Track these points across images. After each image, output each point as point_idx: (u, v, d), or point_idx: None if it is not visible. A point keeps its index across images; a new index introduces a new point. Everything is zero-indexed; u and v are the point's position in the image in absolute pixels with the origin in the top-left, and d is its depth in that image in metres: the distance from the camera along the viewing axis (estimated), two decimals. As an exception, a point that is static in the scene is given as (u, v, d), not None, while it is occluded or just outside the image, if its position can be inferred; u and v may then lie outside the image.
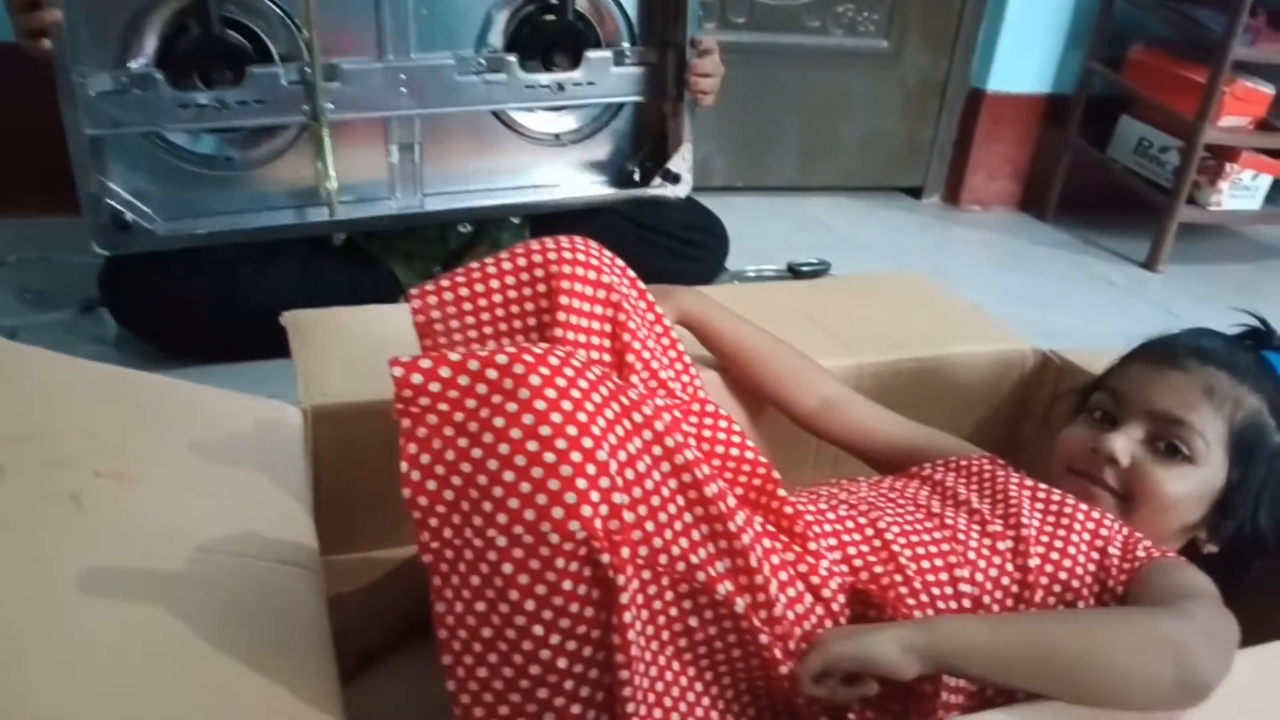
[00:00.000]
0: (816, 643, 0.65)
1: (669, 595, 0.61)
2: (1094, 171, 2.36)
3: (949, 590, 0.74)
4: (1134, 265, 2.24)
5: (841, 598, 0.72)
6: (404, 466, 0.57)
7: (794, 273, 1.68)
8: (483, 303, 0.80)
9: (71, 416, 0.79)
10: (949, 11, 2.33)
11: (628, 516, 0.57)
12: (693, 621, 0.63)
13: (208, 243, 1.36)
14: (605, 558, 0.55)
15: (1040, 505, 0.79)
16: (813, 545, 0.73)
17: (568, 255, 0.80)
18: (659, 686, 0.62)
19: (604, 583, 0.56)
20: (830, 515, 0.78)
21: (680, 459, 0.60)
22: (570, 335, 0.78)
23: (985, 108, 2.39)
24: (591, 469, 0.55)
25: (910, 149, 2.46)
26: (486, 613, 0.57)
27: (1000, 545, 0.76)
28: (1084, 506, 0.80)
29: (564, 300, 0.78)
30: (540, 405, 0.55)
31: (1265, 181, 2.25)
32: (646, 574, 0.59)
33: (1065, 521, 0.78)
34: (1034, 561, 0.75)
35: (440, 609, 0.57)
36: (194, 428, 0.83)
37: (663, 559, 0.59)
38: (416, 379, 0.57)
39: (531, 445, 0.54)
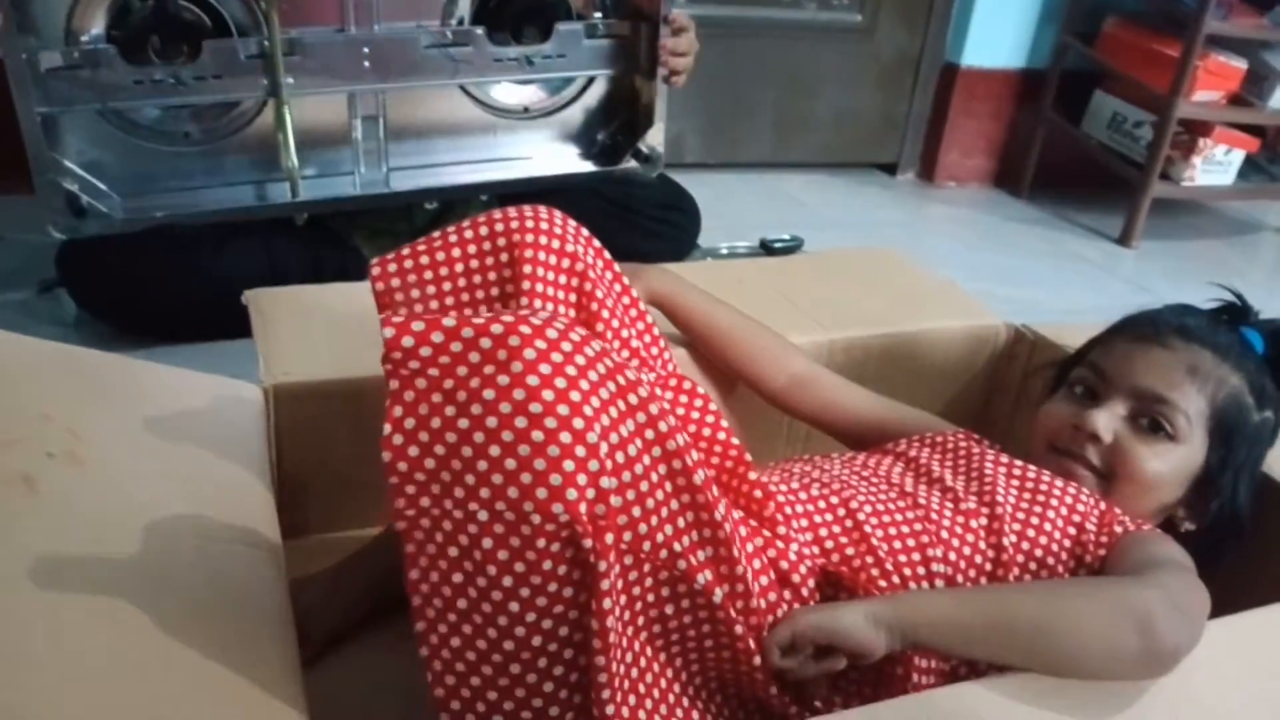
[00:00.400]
0: (784, 617, 0.65)
1: (648, 582, 0.60)
2: (1068, 147, 2.36)
3: (921, 570, 0.73)
4: (1108, 241, 2.24)
5: (811, 582, 0.72)
6: (386, 429, 0.55)
7: (767, 250, 1.67)
8: (444, 271, 0.78)
9: (23, 396, 0.77)
10: (923, -15, 2.32)
11: (614, 501, 0.55)
12: (669, 609, 0.62)
13: (166, 223, 1.33)
14: (588, 543, 0.54)
15: (1016, 482, 0.79)
16: (782, 530, 0.72)
17: (530, 224, 0.78)
18: (633, 673, 0.62)
19: (585, 566, 0.55)
20: (803, 495, 0.77)
21: (671, 445, 0.59)
22: (536, 304, 0.77)
23: (959, 83, 2.38)
24: (580, 450, 0.54)
25: (885, 125, 2.45)
26: (463, 584, 0.56)
27: (974, 523, 0.76)
28: (1060, 482, 0.79)
29: (527, 269, 0.77)
30: (533, 381, 0.54)
31: (1238, 157, 2.25)
32: (628, 559, 0.58)
33: (1041, 499, 0.77)
34: (1009, 539, 0.75)
35: (414, 576, 0.56)
36: (152, 407, 0.82)
37: (646, 545, 0.58)
38: (408, 341, 0.56)
39: (520, 421, 0.53)
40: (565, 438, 0.53)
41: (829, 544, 0.74)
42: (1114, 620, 0.63)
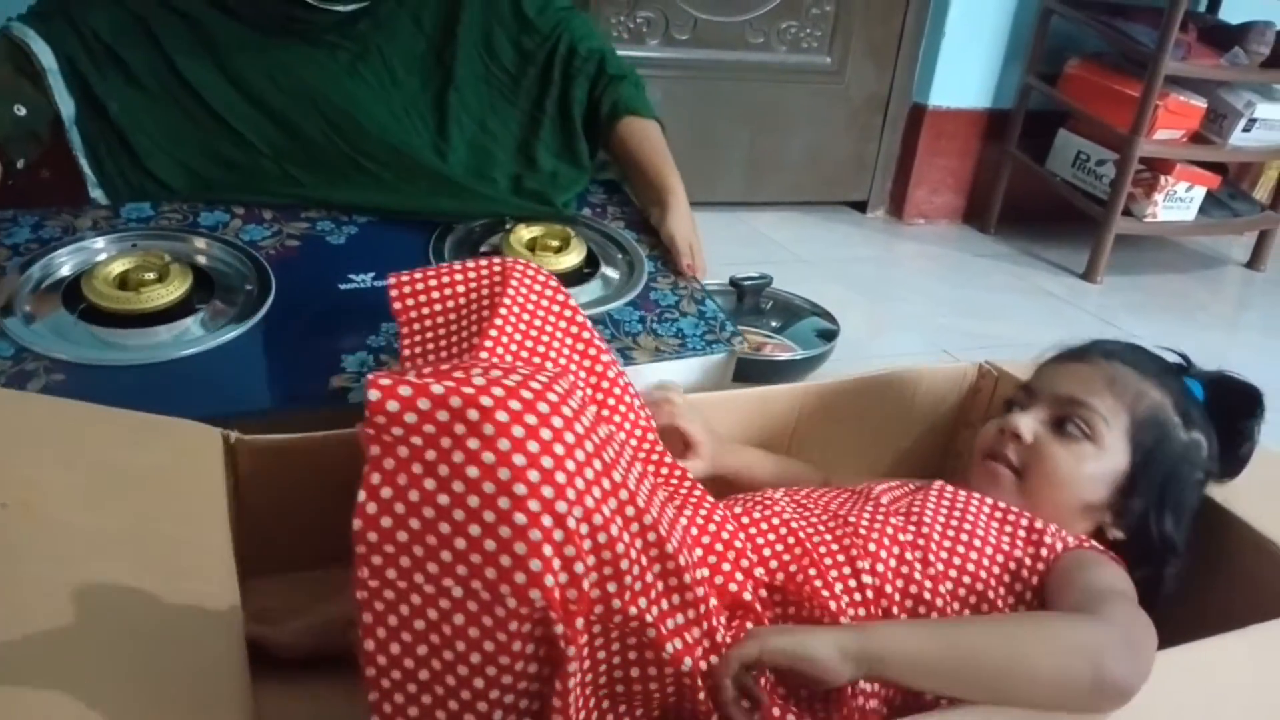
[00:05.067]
0: (752, 634, 0.66)
1: (615, 647, 0.61)
2: (1034, 184, 2.40)
3: (852, 583, 0.75)
4: (1073, 276, 2.28)
5: (763, 592, 0.74)
6: (361, 495, 0.54)
7: (736, 287, 1.69)
8: (448, 292, 0.87)
9: None
10: (890, 28, 2.37)
11: (588, 583, 0.56)
12: (634, 672, 0.63)
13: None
14: (559, 628, 0.55)
15: (946, 503, 0.82)
16: (730, 554, 0.75)
17: (522, 271, 0.87)
18: None
19: (552, 646, 0.55)
20: (744, 520, 0.80)
21: (648, 518, 0.59)
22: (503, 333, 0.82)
23: (927, 123, 2.42)
24: (559, 535, 0.54)
25: (855, 164, 2.49)
26: (426, 657, 0.56)
27: (901, 537, 0.78)
28: (980, 498, 0.83)
29: (507, 300, 0.84)
30: (519, 460, 0.53)
31: (1199, 193, 2.30)
32: (597, 628, 0.59)
33: (959, 510, 0.81)
34: (935, 555, 0.78)
35: (370, 647, 0.56)
36: (107, 452, 0.81)
37: (618, 618, 0.59)
38: (392, 405, 0.55)
39: (503, 502, 0.53)
40: (547, 521, 0.53)
41: (773, 562, 0.76)
42: (1068, 658, 0.65)
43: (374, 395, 0.55)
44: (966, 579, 0.77)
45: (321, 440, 0.91)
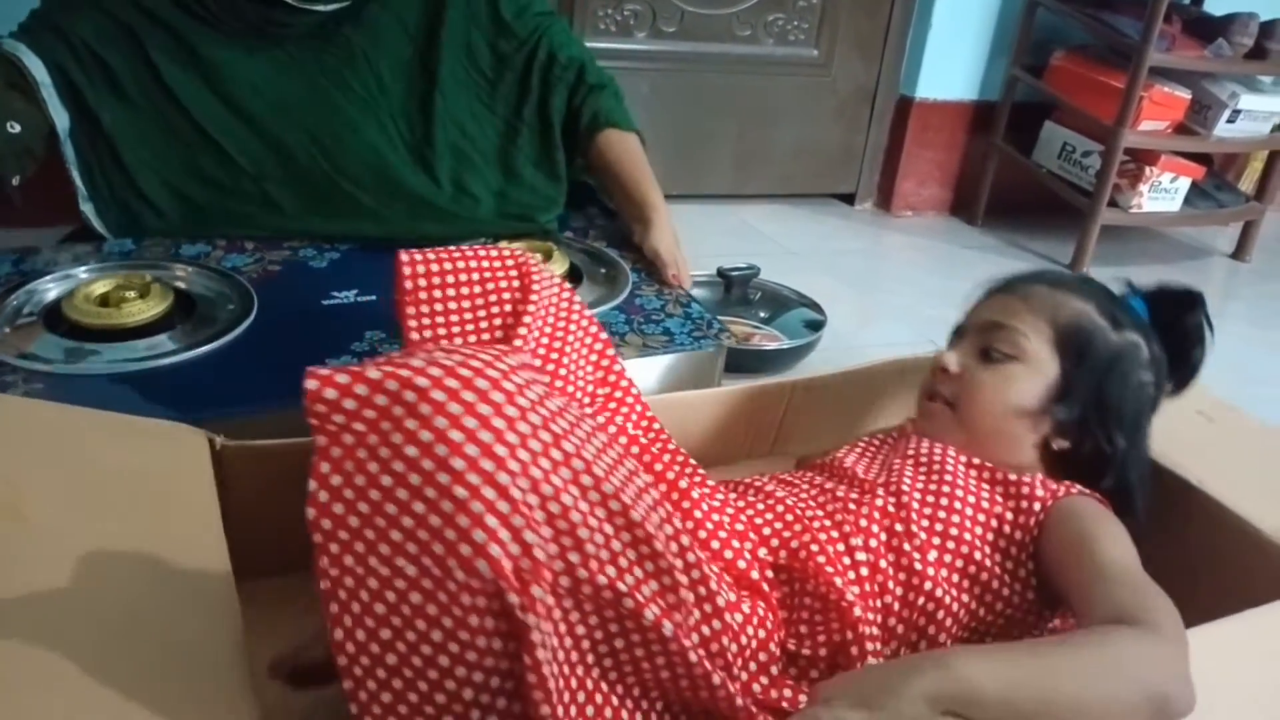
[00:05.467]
0: (817, 698, 0.60)
1: (593, 620, 0.61)
2: (1020, 176, 2.42)
3: (847, 560, 0.76)
4: (1060, 267, 2.29)
5: (769, 573, 0.75)
6: (312, 485, 0.55)
7: (724, 277, 1.70)
8: (463, 278, 0.85)
9: None
10: (876, 21, 2.37)
11: (542, 554, 0.56)
12: (619, 644, 0.63)
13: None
14: (513, 598, 0.55)
15: (923, 467, 0.83)
16: (735, 541, 0.75)
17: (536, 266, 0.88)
18: (589, 710, 0.62)
19: (512, 619, 0.55)
20: (740, 504, 0.81)
21: (609, 487, 0.59)
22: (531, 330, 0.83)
23: (914, 115, 2.43)
24: (504, 506, 0.54)
25: (843, 156, 2.49)
26: (391, 640, 0.56)
27: (888, 508, 0.80)
28: (953, 453, 0.84)
29: (534, 298, 0.85)
30: (456, 436, 0.54)
31: (1184, 184, 2.31)
32: (569, 602, 0.59)
33: (936, 472, 0.82)
34: (918, 524, 0.79)
35: (339, 636, 0.56)
36: (94, 455, 0.80)
37: (586, 589, 0.59)
38: (330, 394, 0.56)
39: (442, 478, 0.53)
40: (489, 493, 0.54)
41: (774, 541, 0.77)
42: (1135, 694, 0.62)
43: (312, 385, 0.56)
44: (951, 544, 0.78)
45: (306, 445, 0.89)
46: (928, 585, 0.77)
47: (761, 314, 1.71)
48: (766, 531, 0.78)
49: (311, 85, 1.34)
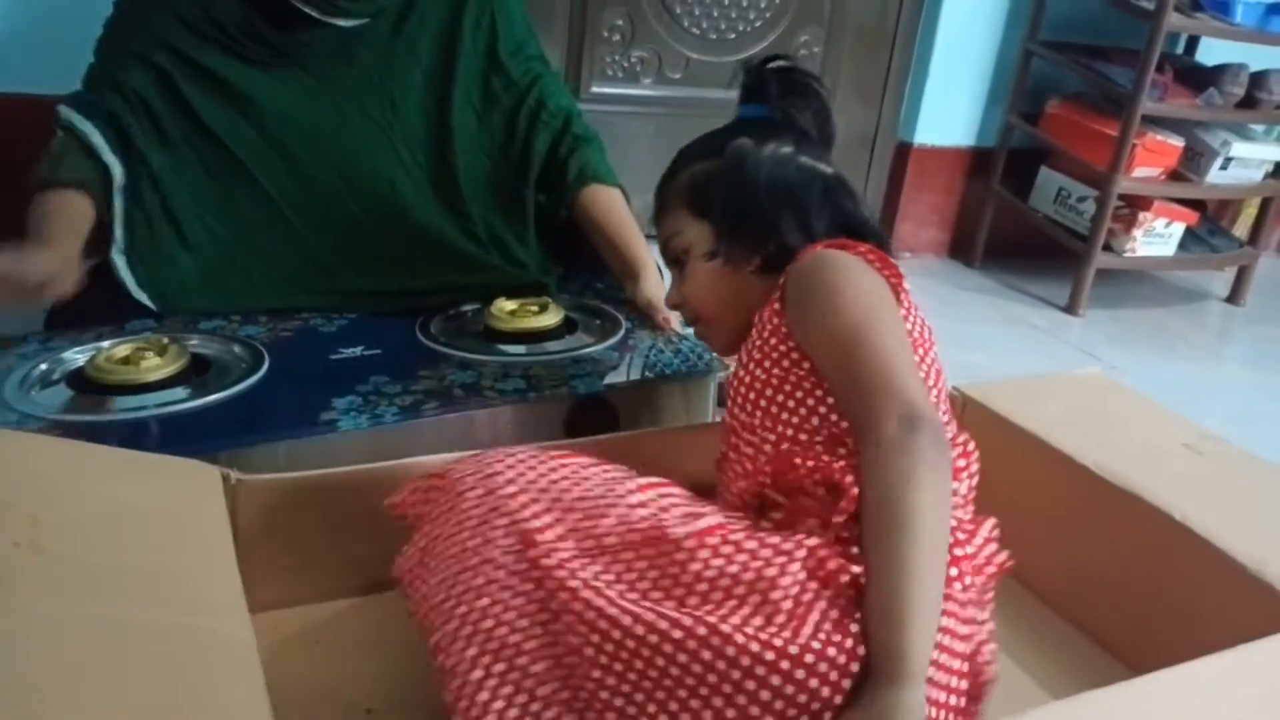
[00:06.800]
0: None
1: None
2: (1017, 220, 2.46)
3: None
4: (1055, 309, 2.33)
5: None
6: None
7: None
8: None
9: None
10: (876, 68, 2.43)
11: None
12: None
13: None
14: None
15: (742, 363, 0.87)
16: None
17: None
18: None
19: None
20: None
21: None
22: None
23: (913, 160, 2.48)
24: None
25: (842, 199, 2.53)
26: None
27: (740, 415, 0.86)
28: (747, 347, 0.87)
29: None
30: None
31: (1178, 229, 2.35)
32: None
33: (756, 355, 0.85)
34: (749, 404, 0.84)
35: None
36: (110, 490, 0.81)
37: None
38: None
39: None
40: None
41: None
42: (926, 488, 0.68)
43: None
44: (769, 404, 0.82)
45: (317, 478, 0.93)
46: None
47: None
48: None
49: (337, 110, 1.38)
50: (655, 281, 1.38)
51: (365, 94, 1.40)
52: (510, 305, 1.32)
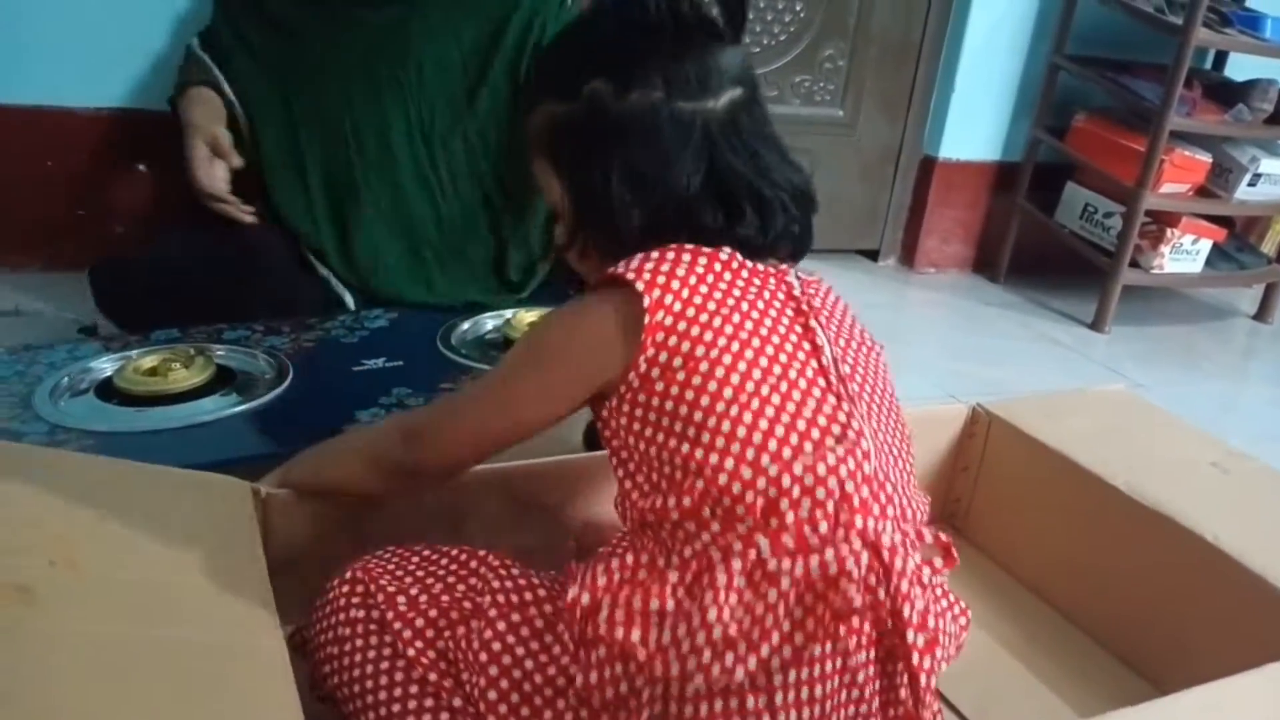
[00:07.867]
0: None
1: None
2: (1042, 235, 2.45)
3: None
4: (1081, 326, 2.31)
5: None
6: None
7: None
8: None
9: (11, 504, 0.77)
10: (901, 82, 2.43)
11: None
12: None
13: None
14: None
15: None
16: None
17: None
18: None
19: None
20: None
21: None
22: None
23: (938, 174, 2.47)
24: None
25: (867, 214, 2.54)
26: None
27: None
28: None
29: None
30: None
31: (1205, 245, 2.33)
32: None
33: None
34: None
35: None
36: (140, 506, 0.82)
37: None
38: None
39: None
40: None
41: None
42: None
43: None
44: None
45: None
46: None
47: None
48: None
49: (377, 109, 1.47)
50: None
51: (407, 92, 1.48)
52: (530, 317, 1.34)
